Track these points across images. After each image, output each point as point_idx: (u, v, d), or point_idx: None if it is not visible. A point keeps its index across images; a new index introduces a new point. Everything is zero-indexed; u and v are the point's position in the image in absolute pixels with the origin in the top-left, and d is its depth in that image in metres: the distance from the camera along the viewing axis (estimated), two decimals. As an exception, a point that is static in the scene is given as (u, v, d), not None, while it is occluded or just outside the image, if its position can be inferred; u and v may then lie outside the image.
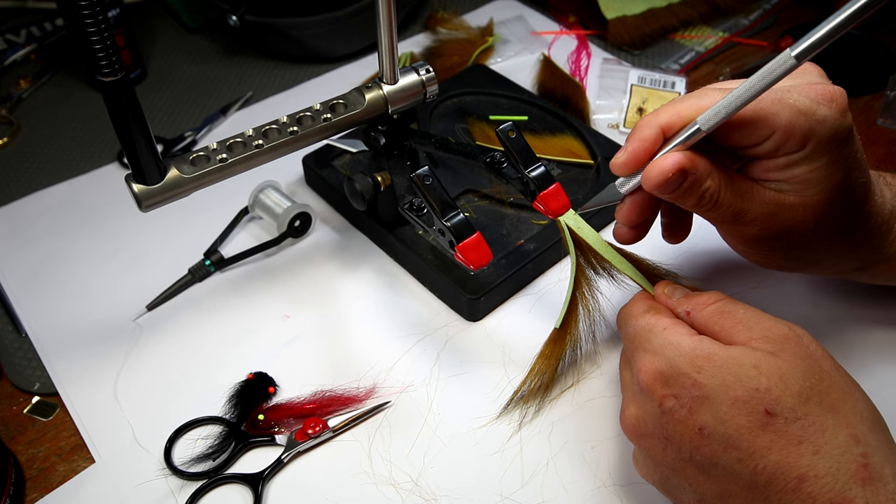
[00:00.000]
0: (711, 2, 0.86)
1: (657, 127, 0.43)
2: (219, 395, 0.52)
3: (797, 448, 0.36)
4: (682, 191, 0.42)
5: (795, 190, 0.42)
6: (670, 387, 0.39)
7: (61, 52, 0.85)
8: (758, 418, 0.36)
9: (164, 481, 0.48)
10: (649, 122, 0.43)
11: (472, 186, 0.64)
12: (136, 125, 0.44)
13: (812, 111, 0.40)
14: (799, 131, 0.40)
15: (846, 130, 0.41)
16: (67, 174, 0.71)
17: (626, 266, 0.48)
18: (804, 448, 0.36)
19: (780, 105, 0.40)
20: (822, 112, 0.40)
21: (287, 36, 0.80)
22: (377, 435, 0.50)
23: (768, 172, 0.43)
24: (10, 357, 0.56)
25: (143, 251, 0.63)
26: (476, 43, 0.82)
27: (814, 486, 0.35)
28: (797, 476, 0.35)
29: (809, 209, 0.43)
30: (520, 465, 0.48)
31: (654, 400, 0.40)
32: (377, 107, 0.54)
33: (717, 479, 0.38)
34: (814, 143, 0.40)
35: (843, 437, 0.36)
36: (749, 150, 0.43)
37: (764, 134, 0.41)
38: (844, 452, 0.35)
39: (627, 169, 0.45)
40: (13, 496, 0.47)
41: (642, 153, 0.43)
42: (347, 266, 0.61)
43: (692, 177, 0.42)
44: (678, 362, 0.39)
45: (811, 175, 0.41)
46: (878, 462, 0.35)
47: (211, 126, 0.76)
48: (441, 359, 0.54)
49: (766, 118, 0.40)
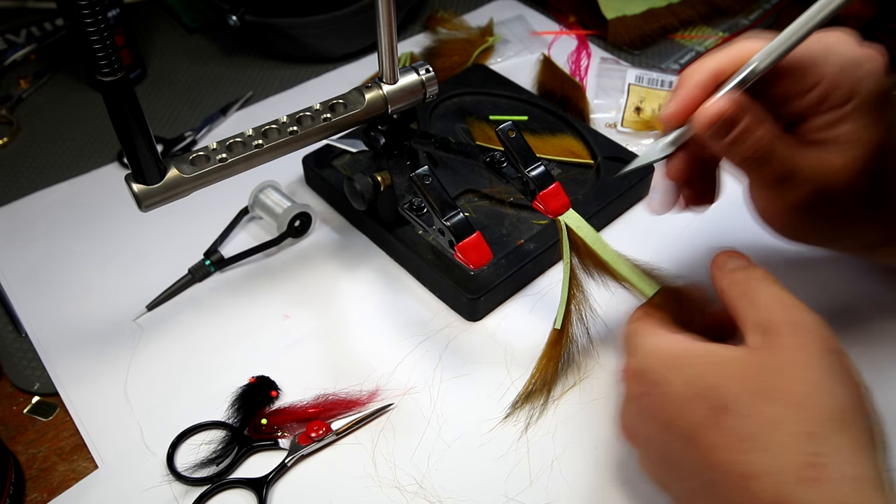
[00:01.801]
0: (711, 2, 0.86)
1: (708, 72, 0.41)
2: (220, 397, 0.52)
3: (743, 444, 0.35)
4: (734, 137, 0.41)
5: (841, 150, 0.41)
6: (642, 384, 0.40)
7: (61, 52, 0.85)
8: (712, 414, 0.36)
9: (167, 487, 0.48)
10: (700, 68, 0.42)
11: (472, 186, 0.64)
12: (136, 125, 0.44)
13: (858, 65, 0.41)
14: (845, 83, 0.40)
15: (888, 89, 0.41)
16: (67, 174, 0.71)
17: (624, 266, 0.48)
18: (749, 445, 0.35)
19: (829, 54, 0.41)
20: (867, 67, 0.41)
21: (287, 36, 0.80)
22: (381, 438, 0.50)
23: (814, 133, 0.42)
24: (10, 357, 0.56)
25: (143, 251, 0.63)
26: (476, 43, 0.82)
27: (757, 484, 0.34)
28: (741, 474, 0.34)
29: (853, 171, 0.42)
30: (525, 466, 0.48)
31: (633, 399, 0.40)
32: (377, 107, 0.54)
33: (685, 476, 0.38)
34: (858, 98, 0.40)
35: (796, 435, 0.34)
36: (795, 101, 0.42)
37: (812, 81, 0.41)
38: (792, 451, 0.34)
39: (679, 118, 0.42)
40: (13, 496, 0.47)
41: (693, 100, 0.42)
42: (347, 266, 0.61)
43: (747, 121, 0.40)
44: (649, 361, 0.40)
45: (857, 133, 0.41)
46: (832, 461, 0.33)
47: (211, 126, 0.75)
48: (443, 360, 0.54)
49: (814, 65, 0.41)
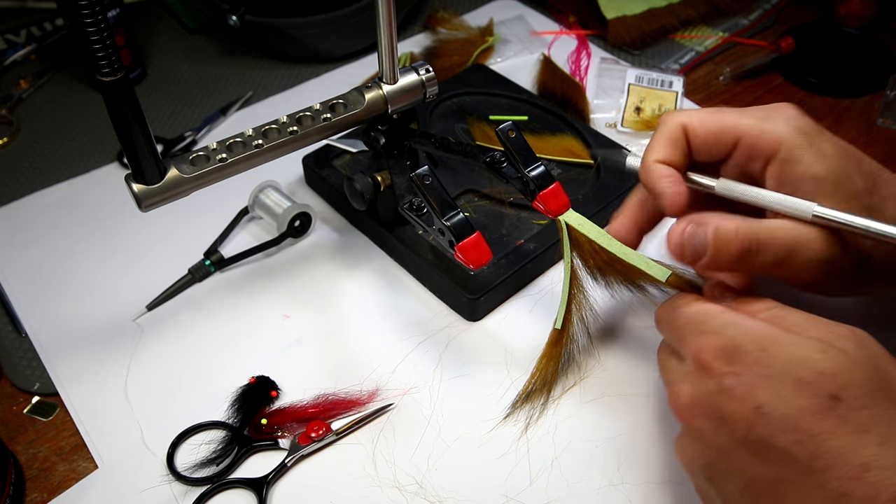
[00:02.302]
0: (711, 2, 0.86)
1: None
2: (220, 397, 0.52)
3: (863, 436, 0.34)
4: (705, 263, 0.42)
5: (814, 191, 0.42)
6: (732, 364, 0.38)
7: (61, 52, 0.85)
8: (822, 401, 0.35)
9: (167, 487, 0.48)
10: None
11: (472, 186, 0.64)
12: (136, 125, 0.44)
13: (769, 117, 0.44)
14: (763, 133, 0.43)
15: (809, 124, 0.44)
16: (67, 174, 0.71)
17: (634, 255, 0.47)
18: (870, 437, 0.34)
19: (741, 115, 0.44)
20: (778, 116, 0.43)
21: (287, 36, 0.80)
22: (381, 438, 0.50)
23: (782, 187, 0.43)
24: (10, 357, 0.56)
25: (143, 251, 0.63)
26: (476, 43, 0.82)
27: (878, 476, 0.33)
28: (860, 464, 0.34)
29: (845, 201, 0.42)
30: (525, 466, 0.48)
31: (713, 378, 0.38)
32: (377, 107, 0.54)
33: (770, 461, 0.36)
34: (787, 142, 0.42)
35: None
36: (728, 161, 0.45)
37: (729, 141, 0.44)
38: None
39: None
40: (13, 496, 0.47)
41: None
42: (347, 266, 0.61)
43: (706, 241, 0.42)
44: (741, 340, 0.38)
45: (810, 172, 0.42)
46: None
47: (211, 126, 0.75)
48: (443, 360, 0.54)
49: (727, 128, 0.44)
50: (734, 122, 0.44)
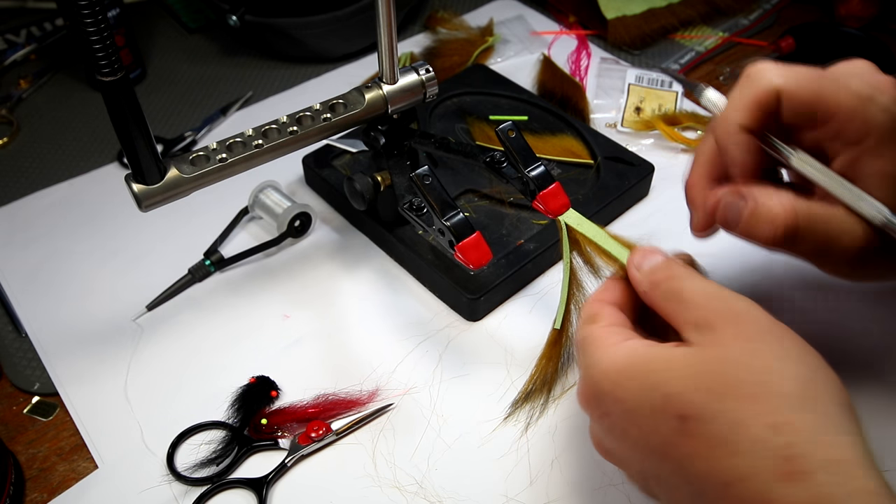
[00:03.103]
0: (711, 2, 0.86)
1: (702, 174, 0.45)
2: (220, 397, 0.52)
3: (716, 451, 0.33)
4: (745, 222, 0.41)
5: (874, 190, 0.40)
6: (600, 406, 0.38)
7: (61, 52, 0.85)
8: (676, 425, 0.34)
9: (167, 487, 0.48)
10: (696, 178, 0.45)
11: (472, 186, 0.64)
12: (135, 125, 0.44)
13: (870, 99, 0.40)
14: (857, 118, 0.39)
15: None
16: (67, 174, 0.71)
17: None
18: (722, 451, 0.33)
19: (840, 89, 0.40)
20: (881, 100, 0.40)
21: (287, 36, 0.80)
22: (381, 438, 0.50)
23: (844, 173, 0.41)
24: (10, 357, 0.56)
25: (143, 251, 0.63)
26: (476, 43, 0.82)
27: (740, 489, 0.32)
28: (722, 482, 0.33)
29: None
30: (525, 466, 0.48)
31: (597, 420, 0.39)
32: (377, 107, 0.54)
33: (669, 489, 0.36)
34: (876, 134, 0.39)
35: (762, 430, 0.32)
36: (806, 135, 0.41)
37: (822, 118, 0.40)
38: (763, 448, 0.32)
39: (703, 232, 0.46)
40: (13, 496, 0.47)
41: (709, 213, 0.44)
42: (347, 266, 0.61)
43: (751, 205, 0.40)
44: (600, 382, 0.38)
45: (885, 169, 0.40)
46: (805, 450, 0.32)
47: (211, 126, 0.75)
48: (443, 360, 0.54)
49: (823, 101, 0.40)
50: (834, 95, 0.40)
